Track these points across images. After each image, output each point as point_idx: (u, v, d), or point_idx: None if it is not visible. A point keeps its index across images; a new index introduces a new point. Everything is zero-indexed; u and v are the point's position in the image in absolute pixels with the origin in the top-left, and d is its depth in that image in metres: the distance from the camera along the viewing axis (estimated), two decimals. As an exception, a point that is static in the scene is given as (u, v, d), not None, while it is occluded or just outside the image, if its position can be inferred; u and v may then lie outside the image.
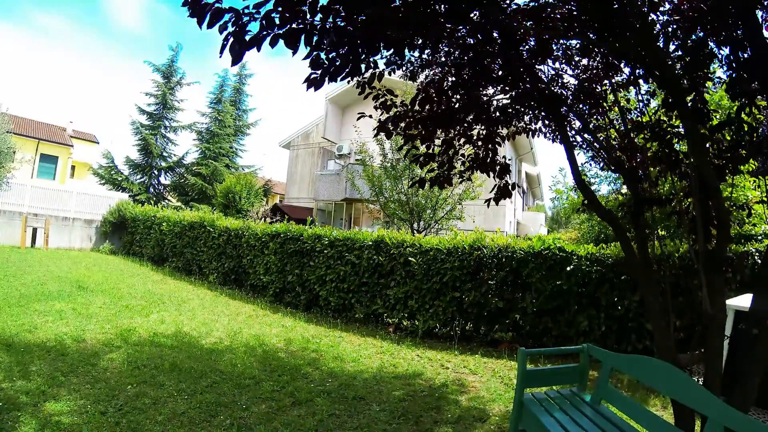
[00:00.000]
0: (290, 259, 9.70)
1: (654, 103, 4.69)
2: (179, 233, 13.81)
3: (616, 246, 6.61)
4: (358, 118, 4.38)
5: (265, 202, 25.69)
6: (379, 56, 3.28)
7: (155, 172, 27.06)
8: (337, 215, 22.69)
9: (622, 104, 4.44)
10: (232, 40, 2.59)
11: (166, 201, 26.55)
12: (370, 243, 8.38)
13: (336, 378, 5.18)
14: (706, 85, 3.93)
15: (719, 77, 4.34)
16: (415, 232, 12.73)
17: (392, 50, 3.22)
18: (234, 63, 2.66)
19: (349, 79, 3.13)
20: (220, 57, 2.70)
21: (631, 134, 4.24)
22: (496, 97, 4.43)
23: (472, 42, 3.66)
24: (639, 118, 4.46)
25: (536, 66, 4.12)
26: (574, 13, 3.38)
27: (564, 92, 4.45)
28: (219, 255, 11.95)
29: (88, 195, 18.76)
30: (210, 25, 2.52)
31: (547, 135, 4.94)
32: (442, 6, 3.15)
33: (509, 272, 7.05)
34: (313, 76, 2.94)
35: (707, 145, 3.71)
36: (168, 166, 27.33)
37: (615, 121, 4.62)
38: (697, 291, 3.97)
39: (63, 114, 78.91)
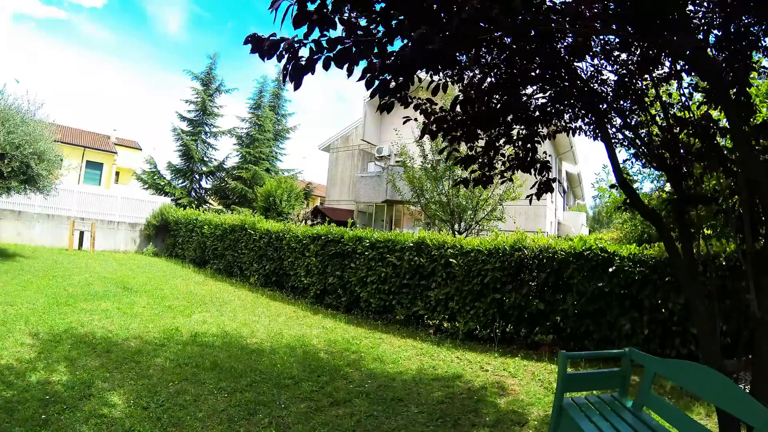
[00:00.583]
0: (331, 260, 9.82)
1: (697, 96, 4.56)
2: (220, 236, 14.19)
3: (660, 246, 6.46)
4: (404, 122, 4.45)
5: (306, 204, 26.04)
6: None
7: (196, 176, 27.83)
8: (378, 217, 22.91)
9: (663, 99, 4.33)
10: (290, 67, 2.79)
11: (208, 204, 27.19)
12: (411, 244, 8.43)
13: (375, 379, 5.23)
14: (750, 75, 3.80)
15: (765, 67, 4.18)
16: (456, 233, 12.75)
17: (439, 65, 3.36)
18: (296, 88, 2.85)
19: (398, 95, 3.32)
20: (284, 85, 2.92)
21: (674, 130, 4.12)
22: (536, 97, 4.42)
23: (509, 41, 3.66)
24: (681, 113, 4.32)
25: (574, 63, 4.08)
26: (611, 6, 3.31)
27: (603, 89, 4.40)
28: (260, 257, 12.21)
29: (132, 199, 19.57)
30: (269, 57, 2.74)
31: (588, 133, 4.88)
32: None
33: (550, 273, 6.99)
34: (383, 102, 3.25)
35: (753, 140, 3.57)
36: (209, 171, 28.06)
37: (657, 117, 4.49)
38: (745, 293, 3.78)
39: (107, 122, 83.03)
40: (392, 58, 2.99)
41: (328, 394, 4.66)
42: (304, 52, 2.79)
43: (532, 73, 4.02)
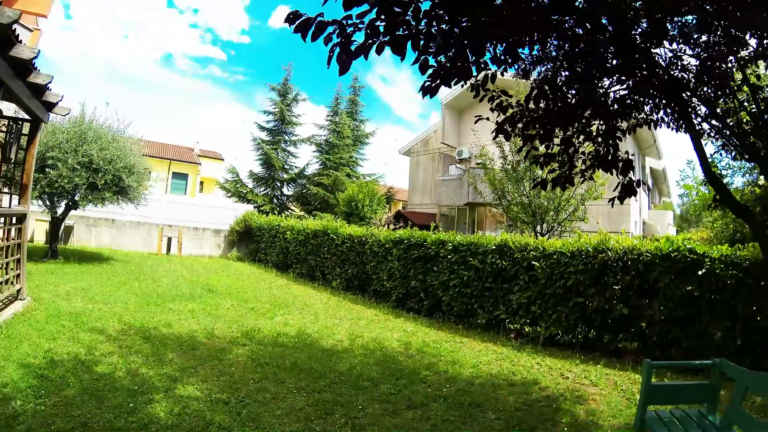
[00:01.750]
0: (413, 264, 9.98)
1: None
2: (303, 241, 14.72)
3: (755, 246, 6.10)
4: (476, 121, 4.52)
5: (388, 209, 26.48)
6: (489, 56, 3.43)
7: (278, 184, 29.01)
8: (460, 220, 23.03)
9: (751, 81, 4.11)
10: (338, 50, 2.79)
11: (290, 211, 28.32)
12: (494, 247, 8.48)
13: (453, 383, 5.25)
14: None
15: None
16: (538, 235, 12.78)
17: (502, 49, 3.39)
18: (341, 73, 2.84)
19: (462, 82, 3.33)
20: (328, 68, 2.89)
21: (766, 115, 3.89)
22: (613, 89, 4.35)
23: (581, 32, 3.63)
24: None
25: (652, 49, 3.94)
26: None
27: (685, 75, 4.22)
28: (342, 262, 12.53)
29: (216, 207, 20.99)
30: (314, 38, 2.73)
31: (671, 125, 4.72)
32: None
33: (635, 276, 6.77)
34: (427, 83, 3.20)
35: None
36: (290, 178, 29.19)
37: (745, 102, 4.27)
38: None
39: (191, 135, 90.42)
40: (451, 40, 2.99)
41: (405, 397, 4.71)
42: (358, 37, 2.81)
43: (608, 64, 3.94)
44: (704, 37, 3.92)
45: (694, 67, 4.19)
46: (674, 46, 4.09)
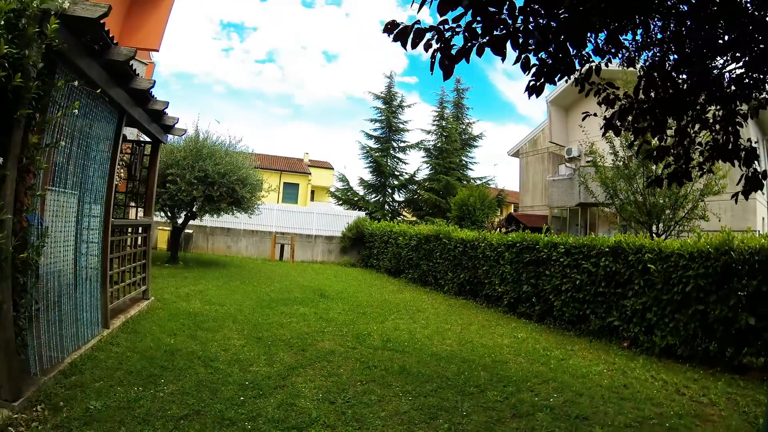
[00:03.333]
0: (525, 268, 10.01)
1: None
2: (415, 246, 15.09)
3: None
4: (583, 118, 4.46)
5: (500, 212, 26.76)
6: (591, 47, 3.43)
7: (389, 190, 30.09)
8: (572, 221, 22.64)
9: None
10: (439, 56, 2.88)
11: (402, 216, 29.16)
12: (607, 249, 8.32)
13: (561, 393, 5.13)
14: None
15: None
16: (653, 235, 12.56)
17: (603, 38, 3.40)
18: (445, 78, 2.93)
19: (567, 78, 3.34)
20: (431, 74, 2.98)
21: None
22: (728, 68, 3.99)
23: (686, 9, 3.50)
24: None
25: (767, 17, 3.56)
26: None
27: None
28: (454, 266, 12.72)
29: (327, 215, 22.31)
30: (414, 46, 2.83)
31: None
32: None
33: (763, 281, 6.21)
34: (531, 82, 3.26)
35: None
36: (400, 184, 30.24)
37: None
38: None
39: (300, 146, 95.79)
40: (550, 35, 3.00)
41: (511, 405, 4.66)
42: (457, 40, 2.86)
43: (719, 41, 3.66)
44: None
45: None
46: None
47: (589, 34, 3.27)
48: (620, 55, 3.84)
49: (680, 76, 3.96)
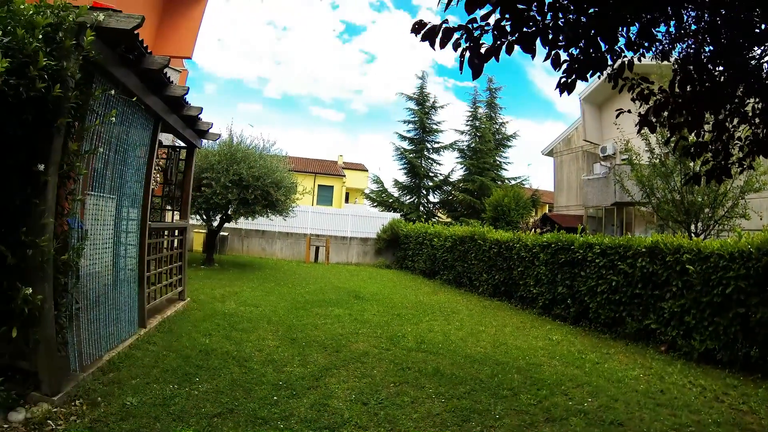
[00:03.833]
0: (561, 269, 9.98)
1: None
2: (450, 247, 15.13)
3: None
4: (617, 115, 4.38)
5: (534, 212, 26.45)
6: (622, 42, 3.38)
7: (423, 191, 30.18)
8: (608, 221, 22.32)
9: None
10: (468, 55, 2.90)
11: (436, 218, 29.14)
12: (644, 250, 8.20)
13: (596, 398, 5.08)
14: None
15: None
16: (692, 235, 12.38)
17: (635, 31, 3.34)
18: (475, 77, 2.95)
19: (599, 74, 3.31)
20: (461, 73, 3.04)
21: None
22: (766, 59, 3.88)
23: None
24: None
25: None
26: None
27: None
28: (489, 267, 12.73)
29: (361, 216, 22.49)
30: (442, 45, 2.85)
31: None
32: None
33: None
34: (563, 80, 3.24)
35: None
36: (435, 185, 30.32)
37: None
38: None
39: (334, 149, 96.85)
40: (580, 30, 2.99)
41: (544, 409, 4.64)
42: (486, 39, 2.88)
43: (756, 29, 3.57)
44: None
45: None
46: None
47: (620, 28, 3.22)
48: (653, 49, 3.78)
49: (716, 68, 3.87)
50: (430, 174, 30.60)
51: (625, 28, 3.28)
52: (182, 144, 8.73)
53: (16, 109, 3.23)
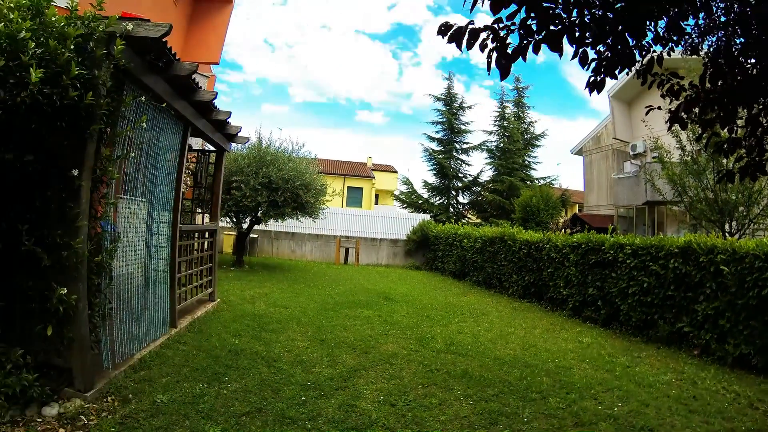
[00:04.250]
0: (591, 270, 9.83)
1: None
2: (480, 248, 15.10)
3: None
4: (647, 112, 4.37)
5: (564, 212, 26.26)
6: (650, 36, 3.33)
7: (452, 192, 30.16)
8: (639, 221, 21.90)
9: None
10: (495, 55, 2.91)
11: (466, 219, 29.05)
12: (676, 250, 8.01)
13: (626, 402, 5.00)
14: None
15: None
16: (726, 235, 12.13)
17: (663, 25, 3.29)
18: (503, 77, 2.97)
19: (628, 70, 3.30)
20: (489, 74, 3.11)
21: None
22: None
23: None
24: None
25: None
26: None
27: None
28: (519, 268, 12.66)
29: (391, 218, 22.62)
30: (470, 47, 2.86)
31: None
32: None
33: None
34: (592, 78, 3.22)
35: None
36: (464, 186, 30.28)
37: None
38: None
39: (363, 151, 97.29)
40: (607, 27, 2.96)
41: (573, 413, 4.59)
42: (513, 38, 2.88)
43: None
44: None
45: None
46: None
47: (647, 23, 3.18)
48: (682, 43, 3.71)
49: (748, 61, 3.78)
50: (459, 175, 30.55)
51: (652, 23, 3.23)
52: (212, 148, 8.92)
53: (50, 117, 3.38)
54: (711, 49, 3.81)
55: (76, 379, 3.75)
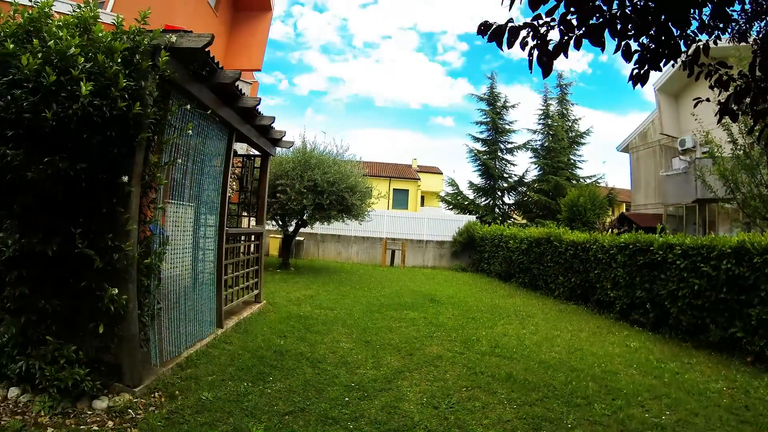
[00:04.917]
0: (639, 272, 9.52)
1: None
2: (525, 250, 14.89)
3: None
4: (695, 105, 4.21)
5: (611, 212, 25.74)
6: (695, 25, 3.22)
7: (498, 193, 29.69)
8: (689, 220, 21.01)
9: None
10: (537, 53, 2.89)
11: (512, 219, 28.63)
12: (729, 250, 7.60)
13: (675, 411, 4.81)
14: None
15: None
16: None
17: (708, 12, 3.17)
18: (545, 75, 2.95)
19: (673, 62, 3.19)
20: (531, 72, 3.08)
21: None
22: None
23: None
24: None
25: None
26: None
27: None
28: (565, 270, 12.44)
29: (437, 219, 22.59)
30: (510, 45, 2.85)
31: None
32: None
33: None
34: (635, 71, 3.13)
35: None
36: (510, 186, 29.78)
37: None
38: None
39: (408, 153, 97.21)
40: (649, 17, 2.88)
41: (619, 420, 4.46)
42: (553, 35, 2.85)
43: None
44: None
45: None
46: None
47: (692, 11, 3.06)
48: (729, 30, 3.55)
49: None
50: (504, 175, 30.06)
51: (696, 10, 3.11)
52: (256, 152, 9.14)
53: (101, 127, 3.56)
54: (760, 35, 3.64)
55: (125, 375, 3.93)
